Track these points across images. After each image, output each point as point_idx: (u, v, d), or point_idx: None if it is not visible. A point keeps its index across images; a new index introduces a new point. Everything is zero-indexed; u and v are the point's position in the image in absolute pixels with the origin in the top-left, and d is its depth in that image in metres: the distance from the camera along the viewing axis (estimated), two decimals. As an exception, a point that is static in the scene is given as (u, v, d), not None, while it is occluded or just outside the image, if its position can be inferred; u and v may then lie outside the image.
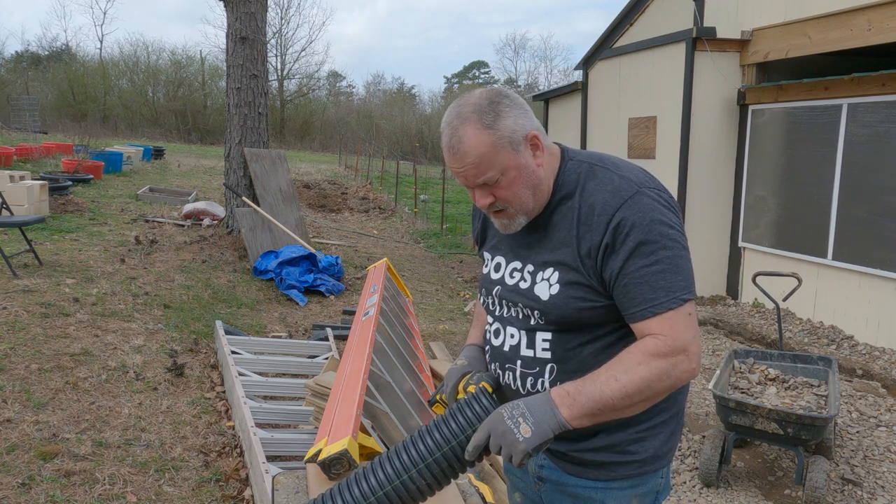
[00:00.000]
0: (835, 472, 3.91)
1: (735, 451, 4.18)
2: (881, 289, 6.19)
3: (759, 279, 4.70)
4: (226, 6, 8.35)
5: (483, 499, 2.08)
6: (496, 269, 1.59)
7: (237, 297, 6.53)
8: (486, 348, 1.63)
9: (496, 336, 1.58)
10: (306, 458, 2.21)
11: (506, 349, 1.54)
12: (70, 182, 11.04)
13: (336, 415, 2.47)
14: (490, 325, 1.61)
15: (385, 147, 31.70)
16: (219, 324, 5.03)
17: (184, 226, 9.22)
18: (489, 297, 1.60)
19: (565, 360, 1.46)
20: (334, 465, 2.07)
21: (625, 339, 1.41)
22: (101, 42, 61.22)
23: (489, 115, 1.37)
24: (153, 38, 77.75)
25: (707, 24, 7.87)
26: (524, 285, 1.49)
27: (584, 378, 1.36)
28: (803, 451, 3.69)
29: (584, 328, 1.44)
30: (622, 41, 9.85)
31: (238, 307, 6.26)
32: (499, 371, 1.57)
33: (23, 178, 9.28)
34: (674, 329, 1.33)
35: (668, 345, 1.32)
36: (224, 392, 4.24)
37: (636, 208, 1.35)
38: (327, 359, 4.55)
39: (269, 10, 9.28)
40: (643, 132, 8.79)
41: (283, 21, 43.14)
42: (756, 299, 7.59)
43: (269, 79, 15.61)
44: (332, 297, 7.17)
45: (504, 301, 1.54)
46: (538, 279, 1.46)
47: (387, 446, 2.86)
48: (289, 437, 3.43)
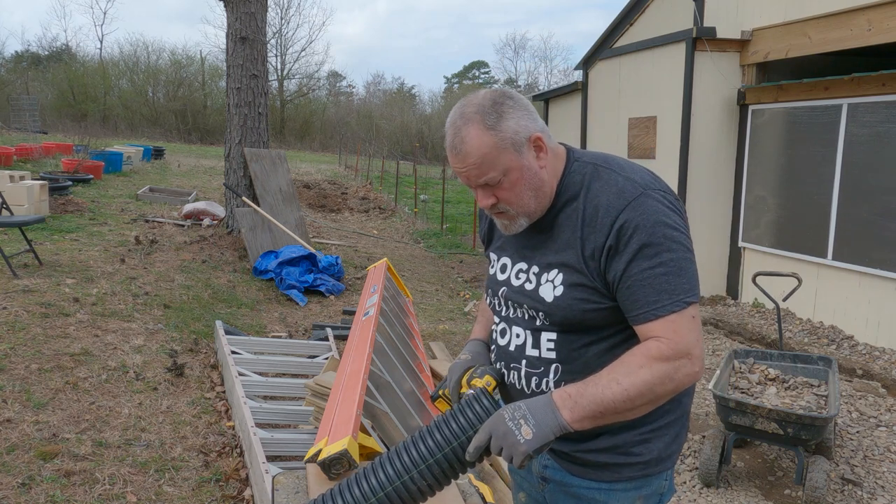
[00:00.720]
0: (835, 472, 3.91)
1: (735, 451, 4.18)
2: (881, 289, 6.19)
3: (759, 279, 4.70)
4: (226, 6, 8.35)
5: (483, 499, 2.08)
6: (502, 269, 1.59)
7: (237, 297, 6.54)
8: (492, 347, 1.64)
9: (502, 336, 1.58)
10: (306, 458, 2.21)
11: (511, 349, 1.54)
12: (70, 182, 11.04)
13: (336, 415, 2.47)
14: (496, 324, 1.62)
15: (385, 147, 31.72)
16: (219, 324, 5.03)
17: (184, 226, 9.22)
18: (495, 297, 1.60)
19: (570, 360, 1.46)
20: (334, 465, 2.07)
21: (629, 340, 1.41)
22: (101, 42, 61.31)
23: (492, 116, 1.37)
24: (153, 38, 77.84)
25: (707, 24, 7.88)
26: (529, 287, 1.49)
27: (586, 380, 1.36)
28: (803, 451, 3.69)
29: (588, 329, 1.43)
30: (622, 41, 9.86)
31: (238, 307, 6.26)
32: (504, 370, 1.57)
33: (23, 178, 9.28)
34: (677, 332, 1.32)
35: (670, 348, 1.31)
36: (224, 392, 4.23)
37: (640, 210, 1.34)
38: (327, 359, 4.55)
39: (269, 10, 9.29)
40: (643, 132, 8.79)
41: (283, 21, 43.21)
42: (756, 299, 7.59)
43: (269, 79, 15.61)
44: (332, 297, 7.17)
45: (510, 302, 1.55)
46: (543, 280, 1.46)
47: (387, 446, 2.86)
48: (289, 437, 3.43)
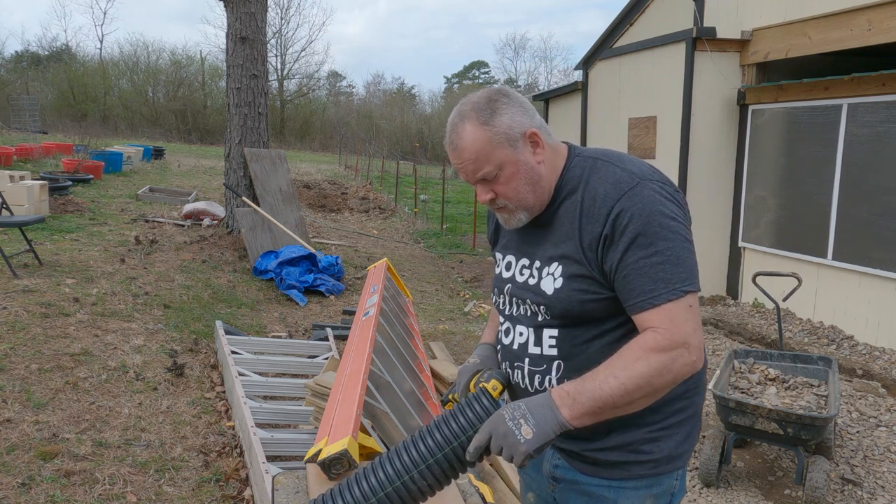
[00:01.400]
0: (835, 472, 3.91)
1: (735, 451, 4.18)
2: (881, 289, 6.19)
3: (759, 279, 4.70)
4: (226, 6, 8.35)
5: (483, 499, 2.08)
6: (507, 267, 1.61)
7: (237, 297, 6.53)
8: (498, 347, 1.65)
9: (506, 335, 1.59)
10: (306, 458, 2.21)
11: (514, 347, 1.56)
12: (70, 182, 11.04)
13: (336, 415, 2.46)
14: (501, 324, 1.63)
15: (385, 147, 31.73)
16: (219, 324, 5.03)
17: (184, 226, 9.21)
18: (501, 295, 1.61)
19: (572, 356, 1.46)
20: (334, 465, 2.07)
21: (630, 334, 1.40)
22: (101, 42, 61.25)
23: (486, 112, 1.41)
24: (153, 38, 77.84)
25: (707, 24, 7.88)
26: (532, 281, 1.51)
27: (584, 377, 1.35)
28: (803, 451, 3.69)
29: (589, 322, 1.44)
30: (622, 41, 9.86)
31: (238, 307, 6.26)
32: (509, 370, 1.58)
33: (23, 178, 9.28)
34: (673, 322, 1.31)
35: (667, 338, 1.30)
36: (224, 392, 4.23)
37: (636, 199, 1.35)
38: (327, 359, 4.55)
39: (269, 10, 9.29)
40: (643, 132, 8.79)
41: (283, 21, 43.22)
42: (756, 299, 7.59)
43: (269, 79, 15.61)
44: (332, 297, 7.17)
45: (514, 298, 1.56)
46: (544, 274, 1.48)
47: (387, 446, 2.85)
48: (289, 437, 3.43)
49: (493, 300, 1.67)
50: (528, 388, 1.52)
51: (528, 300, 1.51)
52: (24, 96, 28.75)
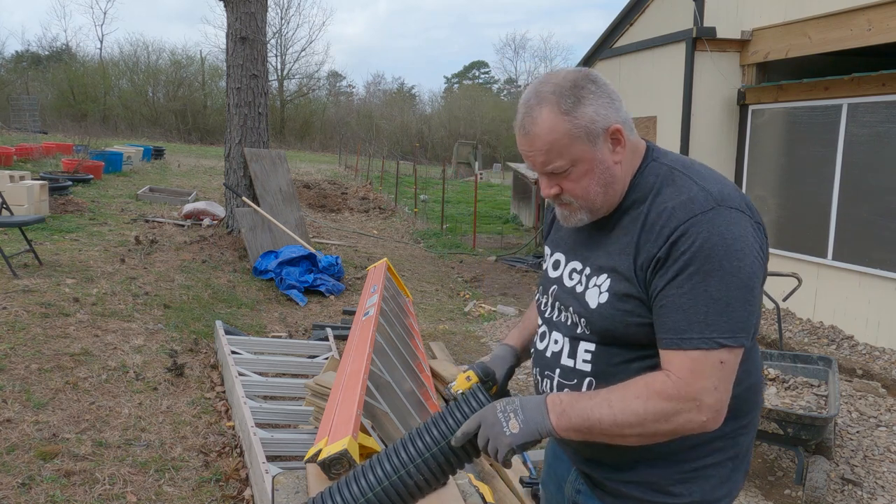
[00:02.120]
0: (835, 472, 3.91)
1: (735, 451, 4.17)
2: (881, 289, 6.19)
3: (759, 279, 4.69)
4: (226, 6, 8.35)
5: (483, 499, 2.08)
6: (554, 266, 1.49)
7: (237, 297, 6.53)
8: (532, 351, 1.55)
9: (541, 339, 1.48)
10: (306, 458, 2.21)
11: (548, 355, 1.45)
12: (70, 182, 11.04)
13: (336, 415, 2.47)
14: (539, 325, 1.52)
15: (385, 147, 31.74)
16: (219, 324, 5.03)
17: (184, 226, 9.21)
18: (545, 295, 1.50)
19: (605, 376, 1.33)
20: (334, 465, 2.07)
21: None
22: (101, 42, 61.35)
23: (569, 100, 1.25)
24: (153, 38, 77.96)
25: (707, 24, 7.87)
26: (580, 289, 1.38)
27: (584, 392, 1.30)
28: (803, 451, 3.69)
29: (629, 345, 1.30)
30: (622, 41, 9.85)
31: (238, 307, 6.26)
32: (539, 377, 1.48)
33: (23, 178, 9.28)
34: (692, 373, 1.17)
35: (677, 388, 1.18)
36: (224, 392, 4.23)
37: (704, 226, 1.19)
38: (327, 359, 4.55)
39: (269, 10, 9.28)
40: (643, 132, 8.79)
41: (283, 21, 43.25)
42: (756, 299, 7.58)
43: (269, 79, 15.61)
44: (332, 297, 7.17)
45: (558, 303, 1.44)
46: (591, 284, 1.35)
47: (386, 446, 2.86)
48: (289, 437, 3.43)
49: (537, 298, 1.56)
50: None
51: (571, 308, 1.39)
52: (24, 96, 28.77)
